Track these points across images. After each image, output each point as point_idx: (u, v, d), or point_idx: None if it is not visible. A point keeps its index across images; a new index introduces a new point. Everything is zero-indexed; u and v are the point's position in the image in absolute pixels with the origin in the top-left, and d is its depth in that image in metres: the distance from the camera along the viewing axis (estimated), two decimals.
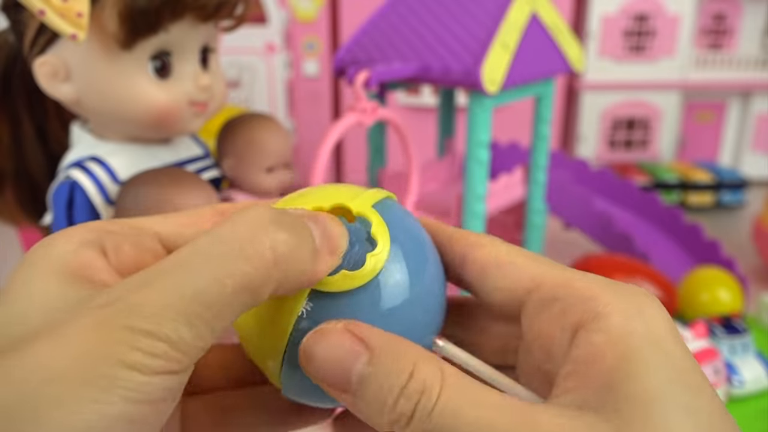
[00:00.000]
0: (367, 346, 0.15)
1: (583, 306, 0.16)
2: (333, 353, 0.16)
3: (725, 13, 1.19)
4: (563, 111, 1.25)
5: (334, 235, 0.17)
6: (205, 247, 0.15)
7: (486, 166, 0.60)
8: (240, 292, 0.15)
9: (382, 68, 0.55)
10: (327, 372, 0.16)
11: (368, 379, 0.15)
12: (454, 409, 0.14)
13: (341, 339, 0.16)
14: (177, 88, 0.47)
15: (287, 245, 0.15)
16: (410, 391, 0.15)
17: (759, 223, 0.85)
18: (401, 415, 0.15)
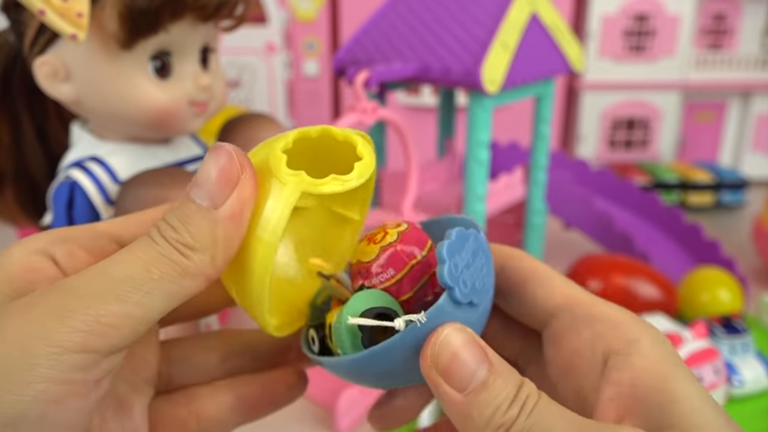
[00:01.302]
0: (487, 358, 0.17)
1: (614, 332, 0.18)
2: (460, 353, 0.17)
3: (725, 13, 1.19)
4: (563, 111, 1.25)
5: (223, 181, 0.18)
6: (135, 247, 0.17)
7: (486, 166, 0.60)
8: (164, 278, 0.17)
9: (382, 68, 0.55)
10: (454, 369, 0.17)
11: (487, 385, 0.17)
12: (552, 410, 0.17)
13: (473, 343, 0.17)
14: (177, 88, 0.47)
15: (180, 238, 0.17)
16: (520, 397, 0.17)
17: (759, 223, 0.85)
18: (509, 418, 0.16)
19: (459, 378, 0.17)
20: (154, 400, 0.22)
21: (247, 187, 0.18)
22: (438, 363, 0.17)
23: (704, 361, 0.54)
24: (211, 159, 0.18)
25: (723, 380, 0.55)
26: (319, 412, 0.58)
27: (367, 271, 0.20)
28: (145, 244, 0.17)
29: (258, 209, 0.18)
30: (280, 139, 0.19)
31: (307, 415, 0.58)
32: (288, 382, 0.23)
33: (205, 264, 0.17)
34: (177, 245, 0.17)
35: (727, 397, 0.56)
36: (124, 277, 0.16)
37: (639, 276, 0.68)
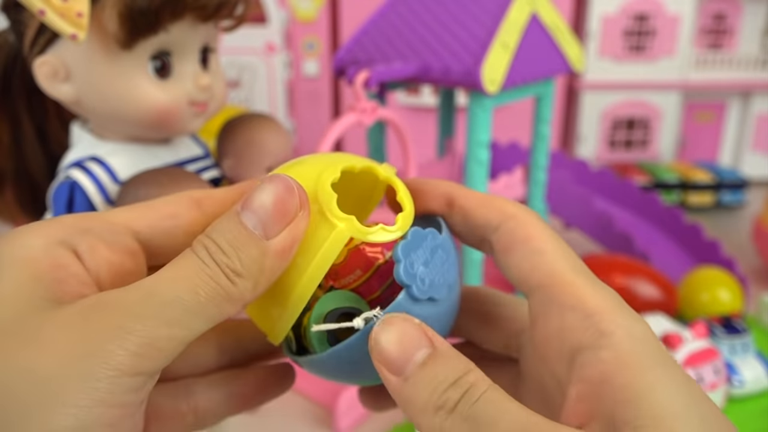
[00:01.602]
0: (431, 343, 0.17)
1: (585, 322, 0.17)
2: (402, 338, 0.17)
3: (725, 13, 1.19)
4: (563, 111, 1.25)
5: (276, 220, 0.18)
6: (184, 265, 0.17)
7: (486, 166, 0.60)
8: (210, 301, 0.17)
9: (382, 68, 0.55)
10: (390, 352, 0.17)
11: (425, 367, 0.16)
12: (498, 402, 0.16)
13: (413, 329, 0.17)
14: (177, 88, 0.47)
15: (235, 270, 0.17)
16: (461, 383, 0.16)
17: (759, 223, 0.85)
18: (447, 400, 0.16)
19: (397, 363, 0.17)
20: (152, 392, 0.22)
21: (302, 225, 0.18)
22: (379, 350, 0.17)
23: (704, 361, 0.54)
24: (269, 187, 0.18)
25: (723, 380, 0.55)
26: (319, 412, 0.58)
27: (336, 272, 0.21)
28: (194, 264, 0.17)
29: (304, 242, 0.19)
30: (330, 170, 0.20)
31: (307, 415, 0.58)
32: (278, 379, 0.24)
33: (247, 291, 0.17)
34: (226, 270, 0.17)
35: (726, 397, 0.56)
36: (174, 298, 0.16)
37: (639, 276, 0.68)
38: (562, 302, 0.17)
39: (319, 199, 0.19)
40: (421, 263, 0.19)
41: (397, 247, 0.19)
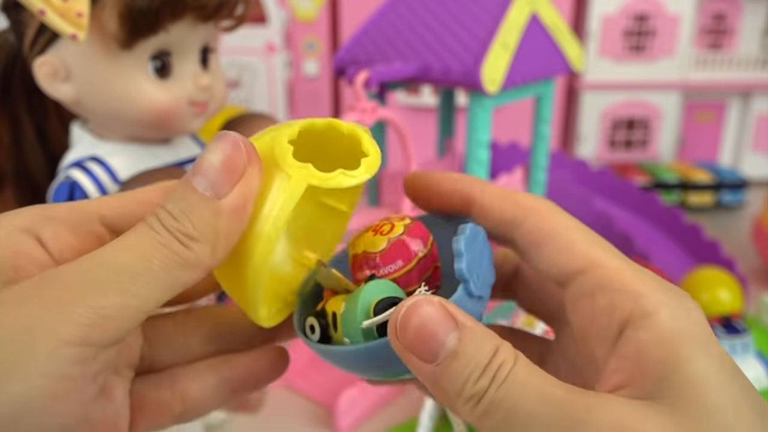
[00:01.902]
0: (457, 323, 0.16)
1: (633, 303, 0.17)
2: (428, 324, 0.16)
3: (725, 13, 1.19)
4: (563, 111, 1.25)
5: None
6: (134, 235, 0.17)
7: (486, 166, 0.60)
8: (164, 269, 0.16)
9: (382, 68, 0.55)
10: (418, 342, 0.16)
11: (457, 354, 0.16)
12: (523, 379, 0.16)
13: (437, 312, 0.16)
14: (177, 88, 0.47)
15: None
16: (492, 367, 0.16)
17: (759, 223, 0.85)
18: (480, 388, 0.16)
19: (428, 349, 0.16)
20: (136, 383, 0.21)
21: (253, 180, 0.18)
22: (405, 337, 0.16)
23: None
24: (215, 146, 0.17)
25: None
26: (319, 412, 0.58)
27: (375, 261, 0.20)
28: (145, 233, 0.17)
29: (260, 200, 0.18)
30: (286, 129, 0.19)
31: (307, 415, 0.58)
32: (269, 362, 0.23)
33: (205, 255, 0.17)
34: (178, 235, 0.17)
35: None
36: (124, 267, 0.16)
37: None
38: (608, 285, 0.17)
39: (275, 154, 0.18)
40: (476, 260, 0.19)
41: (459, 241, 0.18)
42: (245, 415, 0.57)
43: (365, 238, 0.21)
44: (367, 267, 0.21)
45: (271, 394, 0.60)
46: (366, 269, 0.21)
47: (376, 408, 0.59)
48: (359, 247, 0.21)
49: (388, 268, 0.20)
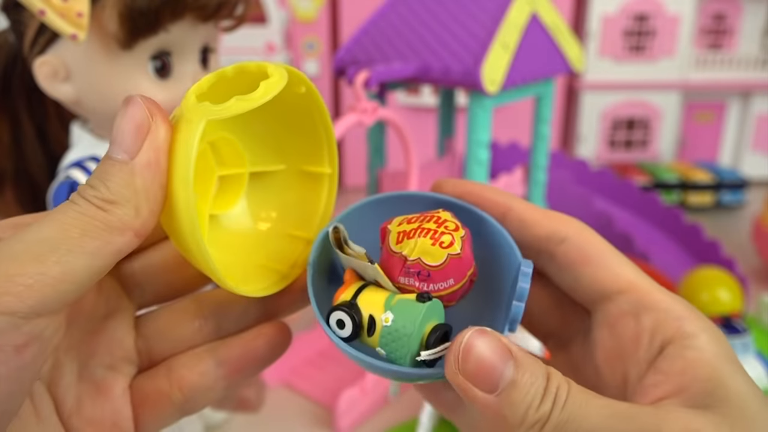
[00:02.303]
0: (511, 353, 0.17)
1: (676, 324, 0.18)
2: (487, 357, 0.17)
3: (725, 13, 1.19)
4: (563, 111, 1.25)
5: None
6: (54, 212, 0.17)
7: (486, 166, 0.60)
8: (85, 234, 0.16)
9: (382, 68, 0.55)
10: (478, 374, 0.17)
11: (516, 383, 0.17)
12: (584, 400, 0.17)
13: (494, 344, 0.17)
14: (177, 88, 0.47)
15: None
16: (550, 390, 0.17)
17: (759, 223, 0.85)
18: (543, 414, 0.16)
19: (489, 380, 0.17)
20: (136, 378, 0.21)
21: (160, 132, 0.18)
22: (465, 369, 0.17)
23: None
24: (122, 112, 0.18)
25: None
26: (319, 412, 0.58)
27: (428, 275, 0.20)
28: (64, 207, 0.17)
29: (172, 152, 0.18)
30: (195, 85, 0.19)
31: (307, 415, 0.58)
32: (269, 339, 0.23)
33: (129, 216, 0.17)
34: (96, 201, 0.17)
35: None
36: (41, 238, 0.16)
37: None
38: (652, 306, 0.19)
39: (181, 107, 0.18)
40: None
41: (526, 281, 0.20)
42: (245, 415, 0.57)
43: (423, 244, 0.20)
44: (418, 278, 0.20)
45: (271, 394, 0.60)
46: (416, 280, 0.20)
47: (376, 408, 0.59)
48: (413, 250, 0.20)
49: (440, 285, 0.20)
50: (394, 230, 0.20)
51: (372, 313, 0.19)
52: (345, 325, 0.20)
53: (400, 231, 0.20)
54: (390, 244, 0.20)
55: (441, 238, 0.20)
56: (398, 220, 0.21)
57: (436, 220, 0.20)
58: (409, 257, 0.20)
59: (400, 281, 0.20)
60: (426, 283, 0.20)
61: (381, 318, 0.19)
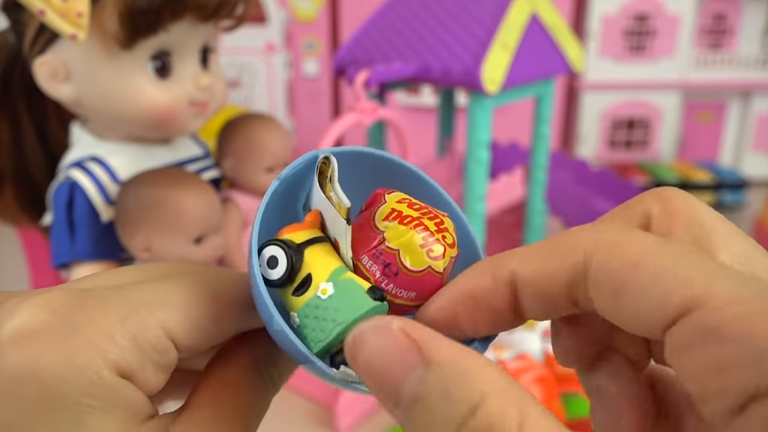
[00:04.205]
0: (422, 356, 0.12)
1: (764, 366, 0.11)
2: (380, 361, 0.12)
3: (725, 13, 1.19)
4: (563, 111, 1.25)
5: None
6: None
7: (486, 166, 0.60)
8: None
9: (382, 68, 0.55)
10: (372, 381, 0.13)
11: (419, 402, 0.12)
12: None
13: (392, 343, 0.13)
14: (177, 88, 0.47)
15: None
16: (471, 428, 0.11)
17: (759, 223, 0.85)
18: None
19: (386, 392, 0.12)
20: None
21: None
22: (360, 372, 0.13)
23: None
24: None
25: None
26: (319, 412, 0.58)
27: (398, 274, 0.16)
28: None
29: None
30: None
31: (307, 415, 0.58)
32: None
33: None
34: None
35: None
36: None
37: None
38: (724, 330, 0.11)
39: None
40: None
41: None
42: None
43: (412, 238, 0.16)
44: (382, 270, 0.16)
45: None
46: (379, 270, 0.16)
47: (376, 408, 0.59)
48: (397, 238, 0.16)
49: (400, 291, 0.16)
50: (390, 203, 0.17)
51: (312, 272, 0.16)
52: (277, 265, 0.16)
53: (395, 209, 0.16)
54: (376, 216, 0.16)
55: (433, 245, 0.16)
56: (399, 195, 0.17)
57: (438, 223, 0.16)
58: (388, 242, 0.16)
59: (361, 260, 0.16)
60: (387, 281, 0.16)
61: (319, 285, 0.16)
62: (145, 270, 0.17)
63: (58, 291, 0.14)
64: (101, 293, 0.15)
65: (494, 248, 0.76)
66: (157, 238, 0.45)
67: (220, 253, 0.49)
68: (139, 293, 0.15)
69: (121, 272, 0.17)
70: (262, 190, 0.56)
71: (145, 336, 0.14)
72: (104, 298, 0.15)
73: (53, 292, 0.14)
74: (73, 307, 0.14)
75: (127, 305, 0.15)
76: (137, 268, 0.18)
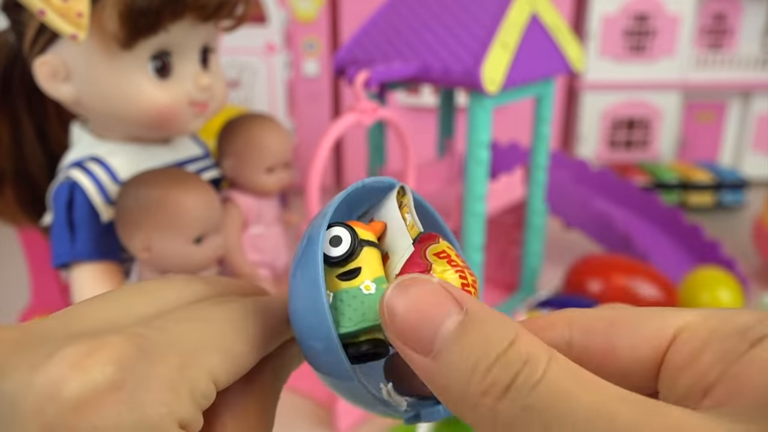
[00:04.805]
0: (459, 305, 0.13)
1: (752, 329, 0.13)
2: (421, 306, 0.13)
3: (725, 13, 1.19)
4: (563, 111, 1.25)
5: None
6: None
7: (486, 166, 0.60)
8: None
9: (382, 68, 0.55)
10: (409, 327, 0.13)
11: (458, 340, 0.13)
12: (567, 388, 0.12)
13: (432, 292, 0.14)
14: (177, 88, 0.47)
15: None
16: (510, 358, 0.12)
17: (759, 223, 0.85)
18: (493, 385, 0.12)
19: (421, 336, 0.13)
20: None
21: None
22: (397, 323, 0.14)
23: None
24: None
25: None
26: (319, 412, 0.58)
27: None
28: None
29: None
30: None
31: (307, 415, 0.58)
32: None
33: None
34: None
35: None
36: None
37: (639, 276, 0.68)
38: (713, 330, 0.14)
39: None
40: None
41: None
42: None
43: (453, 279, 0.17)
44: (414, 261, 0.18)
45: None
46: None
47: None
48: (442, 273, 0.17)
49: None
50: (442, 245, 0.19)
51: (362, 267, 0.17)
52: (341, 243, 0.17)
53: (446, 251, 0.18)
54: (428, 250, 0.18)
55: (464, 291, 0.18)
56: (447, 244, 0.19)
57: (474, 281, 0.18)
58: (433, 272, 0.18)
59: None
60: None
61: (364, 280, 0.17)
62: (182, 290, 0.18)
63: (119, 339, 0.14)
64: (157, 339, 0.15)
65: (494, 248, 0.76)
66: (157, 238, 0.45)
67: (220, 253, 0.49)
68: (189, 336, 0.16)
69: (159, 295, 0.17)
70: (262, 190, 0.56)
71: (198, 386, 0.15)
72: (161, 346, 0.15)
73: (113, 340, 0.14)
74: (137, 359, 0.14)
75: (181, 353, 0.15)
76: (175, 287, 0.18)
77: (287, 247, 0.62)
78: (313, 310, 0.16)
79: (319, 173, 0.51)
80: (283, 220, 0.62)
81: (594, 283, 0.68)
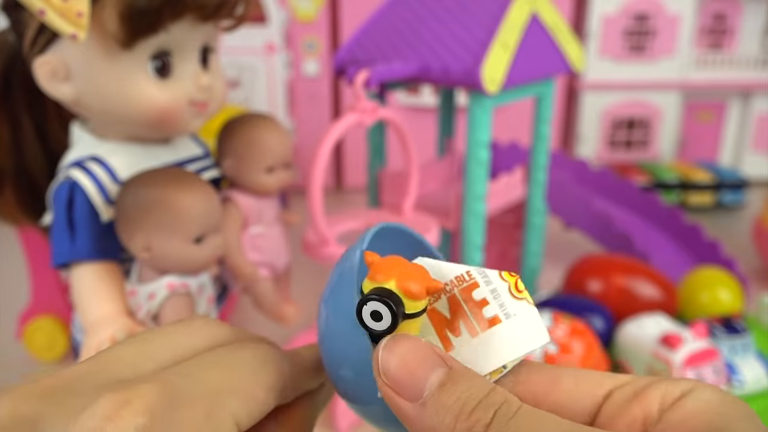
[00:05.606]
0: (446, 362, 0.15)
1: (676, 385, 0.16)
2: (412, 358, 0.15)
3: (725, 13, 1.19)
4: (563, 111, 1.25)
5: None
6: None
7: (486, 166, 0.60)
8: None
9: (382, 68, 0.55)
10: (401, 376, 0.15)
11: (445, 389, 0.15)
12: (541, 416, 0.14)
13: (422, 348, 0.16)
14: (177, 88, 0.47)
15: None
16: (491, 400, 0.14)
17: (759, 223, 0.85)
18: (478, 421, 0.14)
19: (411, 386, 0.15)
20: None
21: None
22: (388, 375, 0.15)
23: (704, 362, 0.54)
24: None
25: (723, 380, 0.55)
26: None
27: None
28: None
29: None
30: None
31: None
32: None
33: None
34: None
35: None
36: None
37: (639, 276, 0.68)
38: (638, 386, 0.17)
39: None
40: None
41: None
42: None
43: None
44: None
45: None
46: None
47: None
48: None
49: None
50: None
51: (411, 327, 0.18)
52: (381, 320, 0.17)
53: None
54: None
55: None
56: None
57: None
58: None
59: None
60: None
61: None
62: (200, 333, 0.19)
63: (149, 389, 0.15)
64: (183, 385, 0.16)
65: (494, 248, 0.76)
66: (157, 237, 0.45)
67: (220, 252, 0.49)
68: (213, 381, 0.16)
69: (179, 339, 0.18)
70: (262, 190, 0.56)
71: (223, 430, 0.16)
72: (187, 392, 0.16)
73: (143, 389, 0.15)
74: (167, 408, 0.15)
75: (207, 398, 0.16)
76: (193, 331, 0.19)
77: (287, 247, 0.62)
78: (345, 336, 0.17)
79: (322, 174, 0.51)
80: (284, 220, 0.62)
81: (594, 283, 0.68)
